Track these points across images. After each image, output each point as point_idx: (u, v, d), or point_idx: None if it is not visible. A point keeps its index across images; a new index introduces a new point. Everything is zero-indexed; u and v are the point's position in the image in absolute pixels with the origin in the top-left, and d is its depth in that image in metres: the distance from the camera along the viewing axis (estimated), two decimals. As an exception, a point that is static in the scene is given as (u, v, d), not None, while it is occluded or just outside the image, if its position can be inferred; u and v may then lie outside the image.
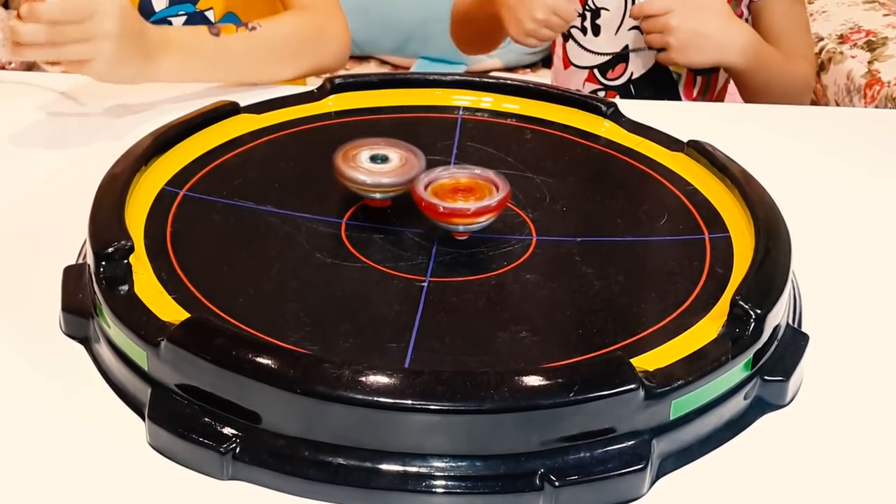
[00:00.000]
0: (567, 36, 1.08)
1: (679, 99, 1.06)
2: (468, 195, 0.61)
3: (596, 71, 1.07)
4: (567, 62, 1.09)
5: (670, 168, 0.72)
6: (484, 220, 0.61)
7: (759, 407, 0.55)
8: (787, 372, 0.56)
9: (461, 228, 0.61)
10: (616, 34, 1.04)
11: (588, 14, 1.05)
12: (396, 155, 0.65)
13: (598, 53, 1.06)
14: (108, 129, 0.82)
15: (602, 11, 1.04)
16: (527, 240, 0.64)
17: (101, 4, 0.75)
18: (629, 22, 1.03)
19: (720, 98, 1.09)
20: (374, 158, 0.64)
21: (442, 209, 0.60)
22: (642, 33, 1.02)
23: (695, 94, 1.07)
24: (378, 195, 0.63)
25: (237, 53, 0.79)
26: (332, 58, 0.91)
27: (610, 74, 1.06)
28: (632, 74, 1.05)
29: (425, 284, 0.59)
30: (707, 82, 1.07)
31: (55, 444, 0.52)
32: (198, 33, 0.82)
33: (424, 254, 0.62)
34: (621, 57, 1.05)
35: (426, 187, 0.62)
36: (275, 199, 0.66)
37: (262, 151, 0.72)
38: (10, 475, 0.50)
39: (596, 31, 1.05)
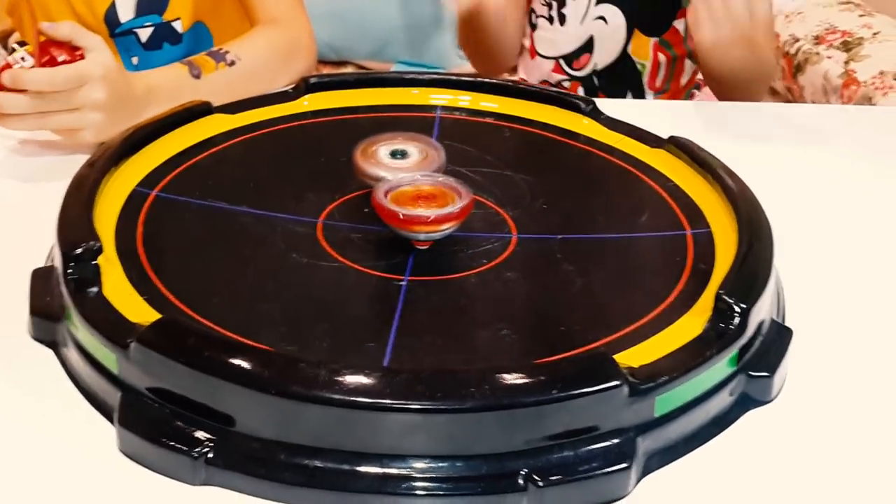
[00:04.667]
0: (534, 25, 1.07)
1: (643, 90, 1.06)
2: (430, 203, 0.59)
3: (562, 61, 1.06)
4: (534, 52, 1.08)
5: (650, 165, 0.71)
6: (445, 228, 0.59)
7: (745, 403, 0.54)
8: (772, 367, 0.55)
9: (422, 237, 0.59)
10: (581, 24, 1.04)
11: (554, 3, 1.04)
12: (416, 150, 0.64)
13: (564, 43, 1.05)
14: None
15: (567, 0, 1.03)
16: (507, 238, 0.63)
17: (88, 74, 0.73)
18: (594, 11, 1.02)
19: (686, 89, 1.09)
20: (393, 154, 0.63)
21: (402, 216, 0.58)
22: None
23: (658, 84, 1.06)
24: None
25: (219, 90, 0.78)
26: (304, 68, 0.91)
27: (575, 64, 1.06)
28: (596, 65, 1.05)
29: (404, 283, 0.58)
30: (671, 73, 1.06)
31: (23, 451, 0.50)
32: (180, 77, 0.81)
33: (403, 253, 0.60)
34: (586, 47, 1.04)
35: (386, 194, 0.59)
36: (250, 200, 0.65)
37: (236, 151, 0.70)
38: (-25, 484, 0.48)
39: (562, 20, 1.04)
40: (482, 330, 0.55)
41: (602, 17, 1.02)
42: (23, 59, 0.73)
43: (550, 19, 1.05)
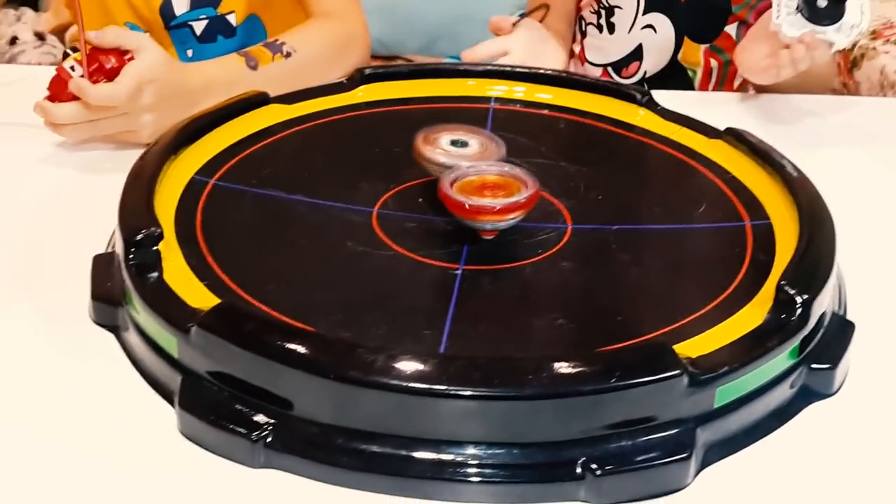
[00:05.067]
0: (584, 33, 1.07)
1: None
2: (496, 192, 0.59)
3: (610, 68, 1.06)
4: (583, 58, 1.08)
5: (708, 156, 0.70)
6: (512, 217, 0.59)
7: (806, 396, 0.53)
8: (834, 360, 0.54)
9: (488, 226, 0.59)
10: (629, 32, 1.03)
11: (603, 12, 1.04)
12: (476, 141, 0.64)
13: (613, 51, 1.04)
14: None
15: (615, 10, 1.03)
16: (562, 228, 0.62)
17: (144, 80, 0.74)
18: (642, 20, 1.02)
19: (738, 90, 1.07)
20: (454, 143, 0.64)
21: (468, 206, 0.58)
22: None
23: (710, 88, 1.05)
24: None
25: (275, 82, 0.78)
26: (358, 61, 0.91)
27: (624, 72, 1.05)
28: (645, 72, 1.04)
29: (459, 273, 0.58)
30: (723, 77, 1.05)
31: (85, 433, 0.51)
32: (236, 69, 0.82)
33: (457, 242, 0.60)
34: (635, 55, 1.03)
35: (452, 184, 0.60)
36: (306, 189, 0.65)
37: (292, 141, 0.71)
38: (42, 465, 0.49)
39: (611, 28, 1.03)
40: (538, 319, 0.55)
41: (650, 26, 1.01)
42: (72, 68, 0.75)
43: (599, 28, 1.04)
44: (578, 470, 0.47)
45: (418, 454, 0.48)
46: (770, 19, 0.82)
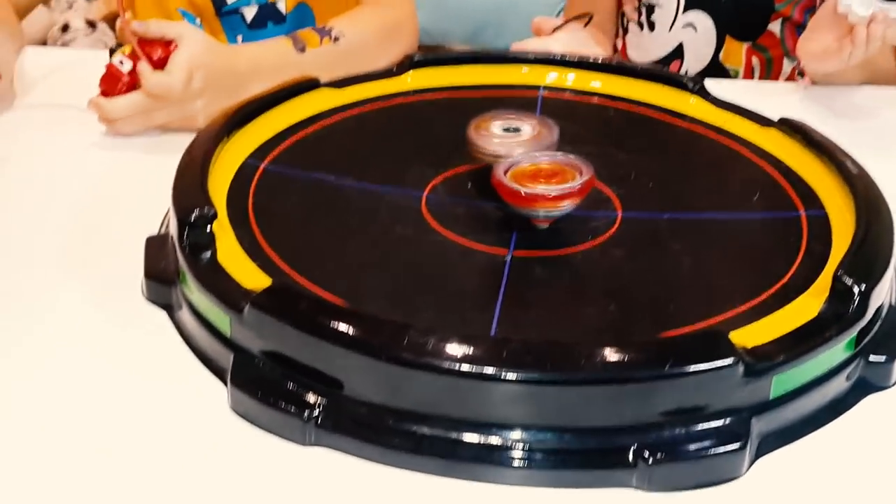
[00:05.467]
0: (625, 29, 1.06)
1: None
2: (550, 180, 0.59)
3: None
4: (625, 54, 1.07)
5: (760, 145, 0.69)
6: (566, 205, 0.58)
7: (863, 388, 0.53)
8: (891, 352, 0.53)
9: (542, 214, 0.59)
10: (670, 31, 1.02)
11: (643, 10, 1.03)
12: (528, 125, 0.64)
13: (654, 50, 1.03)
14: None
15: (656, 7, 1.02)
16: (612, 216, 0.62)
17: (193, 66, 0.74)
18: (682, 19, 1.00)
19: None
20: (506, 129, 0.63)
21: (524, 194, 0.57)
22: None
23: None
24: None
25: (322, 66, 0.79)
26: (406, 48, 0.91)
27: None
28: (687, 71, 1.03)
29: (508, 258, 0.58)
30: (767, 75, 1.03)
31: (138, 409, 0.51)
32: (285, 53, 0.82)
33: (507, 228, 0.60)
34: (676, 54, 1.02)
35: (506, 172, 0.59)
36: (355, 173, 0.65)
37: (342, 126, 0.71)
38: (94, 442, 0.49)
39: (651, 26, 1.02)
40: (589, 306, 0.54)
41: (691, 25, 1.00)
42: (121, 62, 0.75)
43: (640, 26, 1.03)
44: (630, 457, 0.46)
45: (469, 437, 0.48)
46: (834, 5, 0.80)
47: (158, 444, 0.49)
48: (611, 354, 0.47)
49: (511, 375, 0.47)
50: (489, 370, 0.47)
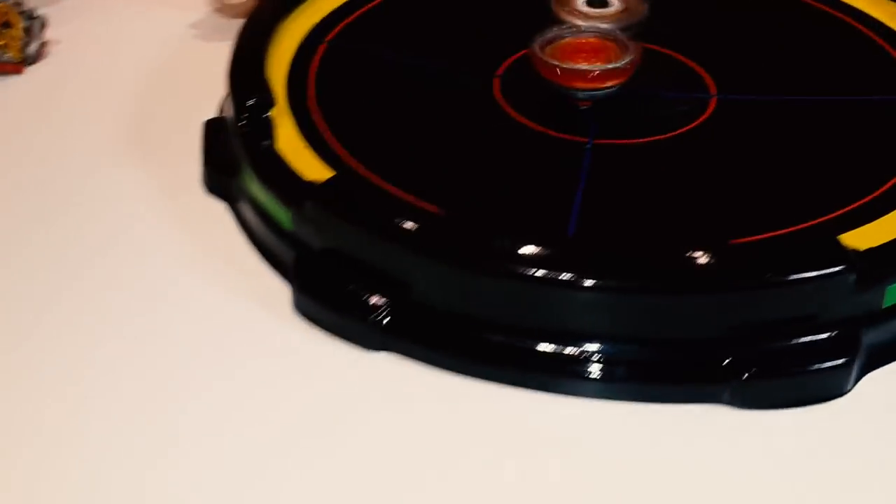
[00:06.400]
0: None
1: None
2: (592, 57, 0.53)
3: None
4: None
5: (881, 20, 0.61)
6: (609, 86, 0.53)
7: None
8: None
9: (581, 95, 0.54)
10: None
11: None
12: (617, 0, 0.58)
13: None
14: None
15: None
16: (706, 98, 0.56)
17: None
18: None
19: None
20: (591, 2, 0.58)
21: (559, 71, 0.53)
22: None
23: None
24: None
25: None
26: None
27: None
28: None
29: (588, 148, 0.53)
30: None
31: (198, 306, 0.49)
32: None
33: (587, 114, 0.55)
34: None
35: (544, 47, 0.54)
36: (425, 51, 0.60)
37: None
38: (152, 340, 0.48)
39: None
40: (678, 203, 0.50)
41: None
42: None
43: None
44: (723, 372, 0.43)
45: (544, 346, 0.44)
46: None
47: (218, 344, 0.47)
48: (703, 259, 0.43)
49: (590, 282, 0.43)
50: (567, 275, 0.43)
